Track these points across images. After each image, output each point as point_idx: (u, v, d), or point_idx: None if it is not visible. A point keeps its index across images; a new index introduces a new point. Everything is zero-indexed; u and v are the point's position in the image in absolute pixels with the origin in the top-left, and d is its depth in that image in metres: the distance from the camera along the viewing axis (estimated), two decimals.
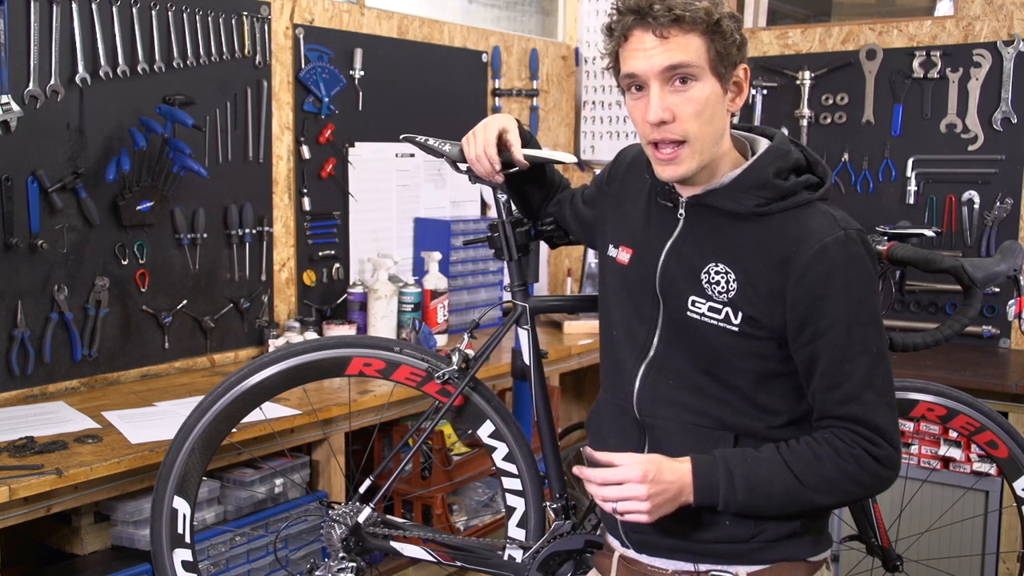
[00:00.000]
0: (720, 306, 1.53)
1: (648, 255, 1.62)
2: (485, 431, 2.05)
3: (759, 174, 1.53)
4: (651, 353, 1.62)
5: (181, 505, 1.93)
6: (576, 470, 1.56)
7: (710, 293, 1.54)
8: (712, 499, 1.50)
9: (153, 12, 2.60)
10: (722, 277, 1.53)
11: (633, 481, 1.47)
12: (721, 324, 1.53)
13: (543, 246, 2.10)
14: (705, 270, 1.54)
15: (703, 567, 1.59)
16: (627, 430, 1.66)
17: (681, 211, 1.59)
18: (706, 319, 1.54)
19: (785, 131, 1.77)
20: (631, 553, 1.67)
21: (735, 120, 1.63)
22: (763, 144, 1.58)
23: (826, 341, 1.48)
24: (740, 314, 1.51)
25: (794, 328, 1.49)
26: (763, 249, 1.51)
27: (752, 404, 1.55)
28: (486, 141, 1.84)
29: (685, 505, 1.50)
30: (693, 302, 1.55)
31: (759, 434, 1.55)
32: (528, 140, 1.88)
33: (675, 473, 1.49)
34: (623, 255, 1.67)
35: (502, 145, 1.85)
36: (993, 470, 2.96)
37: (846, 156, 3.69)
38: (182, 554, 1.95)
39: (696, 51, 1.46)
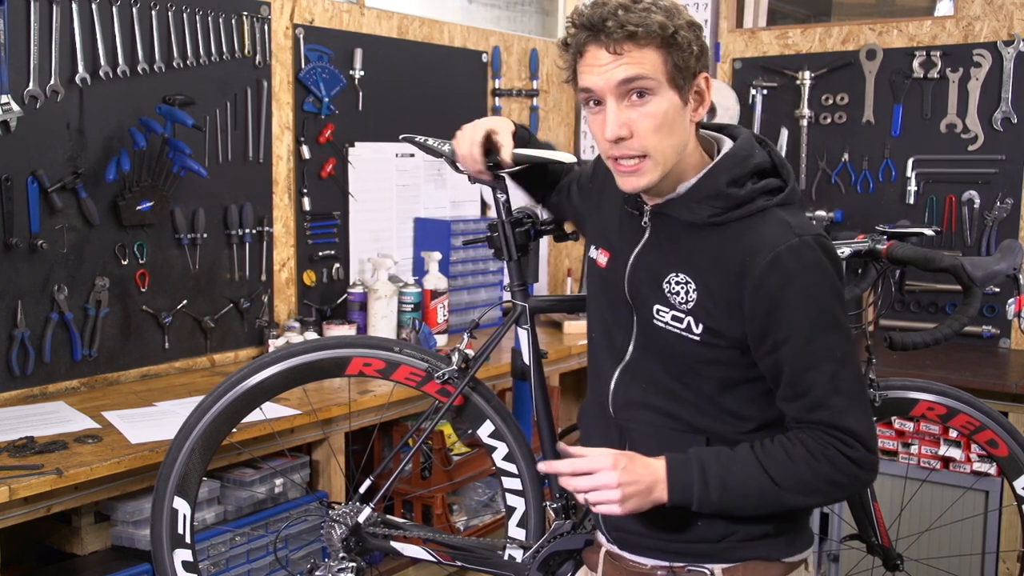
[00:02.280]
0: (682, 315, 1.52)
1: (619, 261, 1.62)
2: (485, 431, 2.05)
3: (712, 184, 1.50)
4: (627, 357, 1.62)
5: (181, 505, 1.93)
6: (543, 466, 1.55)
7: (672, 302, 1.53)
8: (687, 498, 1.48)
9: (153, 12, 2.60)
10: (682, 287, 1.52)
11: (605, 469, 1.46)
12: (683, 333, 1.52)
13: (543, 246, 2.09)
14: (667, 279, 1.54)
15: (679, 564, 1.59)
16: (608, 430, 1.66)
17: (646, 219, 1.58)
18: (670, 327, 1.54)
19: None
20: (615, 549, 1.68)
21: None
22: (727, 146, 1.55)
23: (787, 350, 1.46)
24: (700, 324, 1.51)
25: (755, 339, 1.48)
26: (719, 259, 1.49)
27: (721, 409, 1.55)
28: (472, 141, 1.84)
29: (659, 503, 1.48)
30: (658, 310, 1.55)
31: (730, 438, 1.55)
32: (528, 140, 1.88)
33: (648, 467, 1.48)
34: (602, 258, 1.67)
35: (492, 146, 1.84)
36: (993, 469, 2.96)
37: (846, 156, 3.69)
38: (182, 554, 1.95)
39: (652, 65, 1.43)
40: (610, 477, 1.45)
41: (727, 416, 1.55)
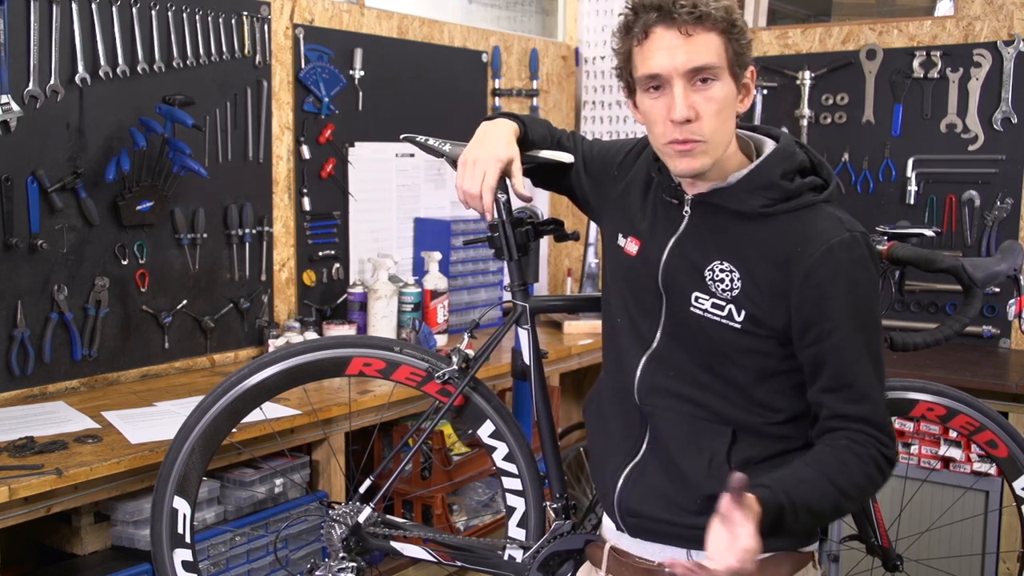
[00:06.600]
0: (723, 303, 1.54)
1: (652, 250, 1.63)
2: (485, 431, 2.05)
3: (766, 175, 1.54)
4: (653, 345, 1.63)
5: (181, 505, 1.93)
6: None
7: (714, 290, 1.55)
8: (778, 530, 1.40)
9: (153, 12, 2.60)
10: (726, 275, 1.54)
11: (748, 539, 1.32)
12: (724, 321, 1.54)
13: (543, 246, 2.09)
14: (709, 267, 1.56)
15: (695, 553, 1.58)
16: (629, 415, 1.67)
17: (686, 208, 1.61)
18: (709, 315, 1.55)
19: (785, 130, 1.77)
20: (623, 544, 1.68)
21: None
22: (769, 145, 1.59)
23: (833, 342, 1.48)
24: (743, 312, 1.53)
25: (799, 328, 1.50)
26: (768, 249, 1.52)
27: (751, 400, 1.56)
28: (488, 187, 1.75)
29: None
30: (696, 298, 1.57)
31: (757, 429, 1.57)
32: (535, 140, 1.86)
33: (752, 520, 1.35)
34: (631, 246, 1.68)
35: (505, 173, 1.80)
36: (993, 470, 2.96)
37: (846, 156, 3.69)
38: (182, 554, 1.95)
39: (716, 51, 1.48)
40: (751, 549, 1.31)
41: (757, 407, 1.56)
